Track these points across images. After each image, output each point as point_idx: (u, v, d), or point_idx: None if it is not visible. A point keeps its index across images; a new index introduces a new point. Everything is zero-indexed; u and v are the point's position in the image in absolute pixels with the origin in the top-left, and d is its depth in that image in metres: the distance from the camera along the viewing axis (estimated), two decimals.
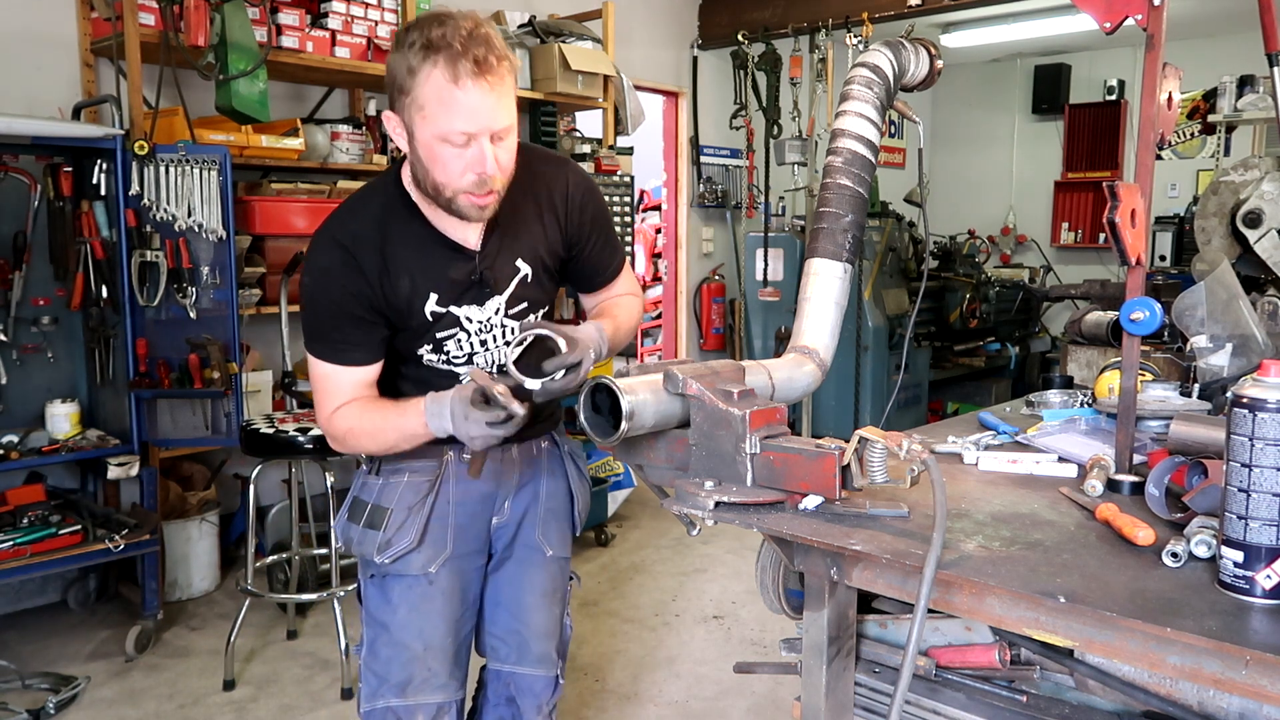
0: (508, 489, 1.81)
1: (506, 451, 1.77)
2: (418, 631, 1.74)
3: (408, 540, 1.71)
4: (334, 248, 1.60)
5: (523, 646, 1.86)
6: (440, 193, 1.53)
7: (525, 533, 1.84)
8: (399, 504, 1.72)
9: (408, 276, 1.60)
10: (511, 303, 1.70)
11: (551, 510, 1.86)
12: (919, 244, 6.38)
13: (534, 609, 1.86)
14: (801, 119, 6.05)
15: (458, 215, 1.57)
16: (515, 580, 1.85)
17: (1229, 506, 1.10)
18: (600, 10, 5.16)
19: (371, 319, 1.61)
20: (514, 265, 1.68)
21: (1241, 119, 4.87)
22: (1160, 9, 1.47)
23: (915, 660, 1.27)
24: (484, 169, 1.49)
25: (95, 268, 3.33)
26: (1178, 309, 2.03)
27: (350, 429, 1.64)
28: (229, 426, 3.48)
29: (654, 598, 3.85)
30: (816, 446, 1.28)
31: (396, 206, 1.62)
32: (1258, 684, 1.00)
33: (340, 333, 1.62)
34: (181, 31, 3.37)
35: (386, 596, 1.75)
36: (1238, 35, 6.09)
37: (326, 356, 1.64)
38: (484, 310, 1.68)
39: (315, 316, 1.63)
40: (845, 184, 1.66)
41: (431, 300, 1.63)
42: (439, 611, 1.75)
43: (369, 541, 1.72)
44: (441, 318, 1.65)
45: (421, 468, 1.73)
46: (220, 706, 2.97)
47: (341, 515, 1.80)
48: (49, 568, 3.18)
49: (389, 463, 1.74)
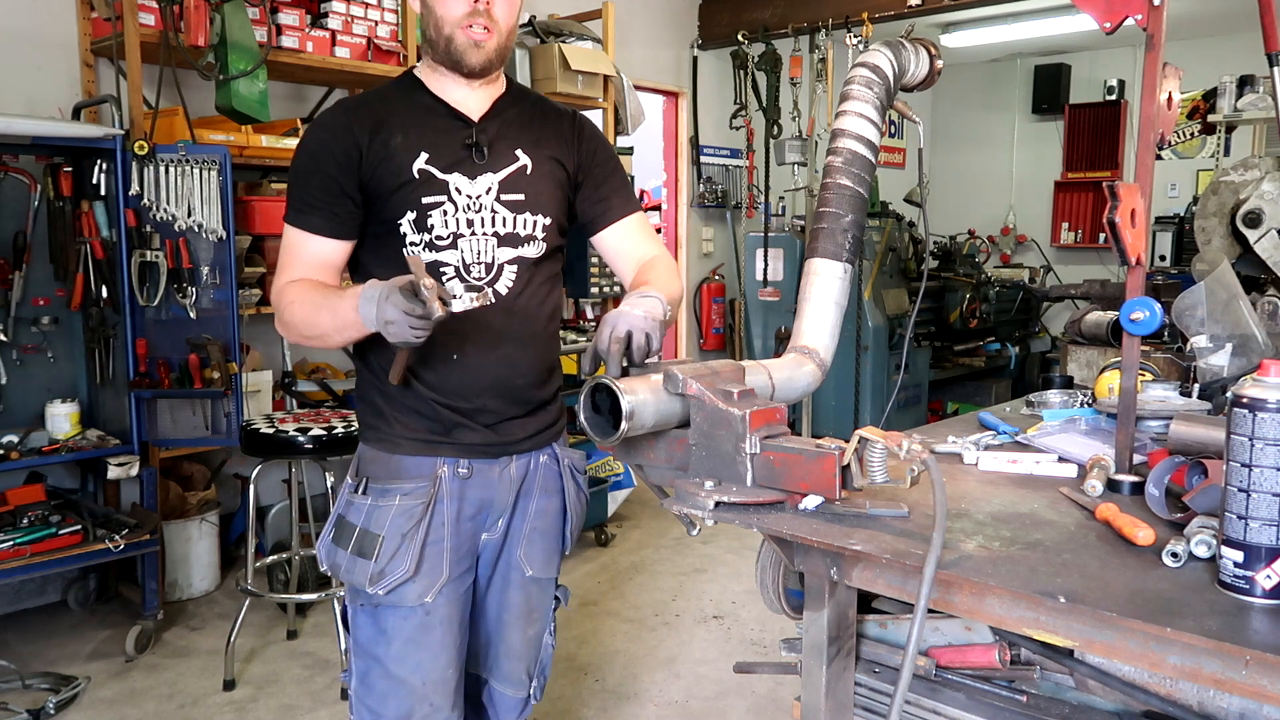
0: (503, 505, 1.74)
1: (505, 468, 1.72)
2: (415, 665, 1.64)
3: (403, 569, 1.61)
4: (333, 110, 1.67)
5: (494, 663, 1.83)
6: (441, 31, 1.59)
7: (508, 551, 1.78)
8: (391, 530, 1.62)
9: (401, 133, 1.62)
10: (506, 187, 1.66)
11: (538, 529, 1.79)
12: (919, 244, 6.38)
13: (507, 627, 1.80)
14: (801, 119, 6.05)
15: (456, 60, 1.60)
16: (495, 598, 1.80)
17: (1229, 506, 1.10)
18: (600, 10, 5.16)
19: (343, 183, 1.59)
20: (513, 153, 1.68)
21: (1241, 119, 4.87)
22: (1160, 9, 1.47)
23: (915, 660, 1.27)
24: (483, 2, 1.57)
25: (95, 268, 3.33)
26: (1178, 309, 2.03)
27: (291, 303, 1.58)
28: (229, 426, 3.48)
29: (654, 598, 3.85)
30: (816, 446, 1.28)
31: (404, 83, 1.70)
32: (1258, 684, 1.00)
33: (307, 191, 1.61)
34: (181, 31, 3.36)
35: (380, 627, 1.65)
36: (1238, 35, 6.08)
37: (290, 219, 1.63)
38: (474, 185, 1.64)
39: (294, 174, 1.64)
40: (845, 184, 1.66)
41: (421, 158, 1.61)
42: (439, 643, 1.65)
43: (359, 571, 1.62)
44: (429, 180, 1.61)
45: (413, 489, 1.64)
46: (220, 706, 2.97)
47: (325, 536, 1.69)
48: (49, 568, 3.17)
49: (377, 482, 1.65)
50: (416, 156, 1.61)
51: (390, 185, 1.60)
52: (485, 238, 1.65)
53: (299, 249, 1.62)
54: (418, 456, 1.66)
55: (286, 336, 1.65)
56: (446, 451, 1.66)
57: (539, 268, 1.72)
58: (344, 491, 1.71)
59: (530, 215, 1.68)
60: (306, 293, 1.57)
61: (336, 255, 1.64)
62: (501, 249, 1.66)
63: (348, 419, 3.21)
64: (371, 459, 1.69)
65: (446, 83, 1.66)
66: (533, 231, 1.69)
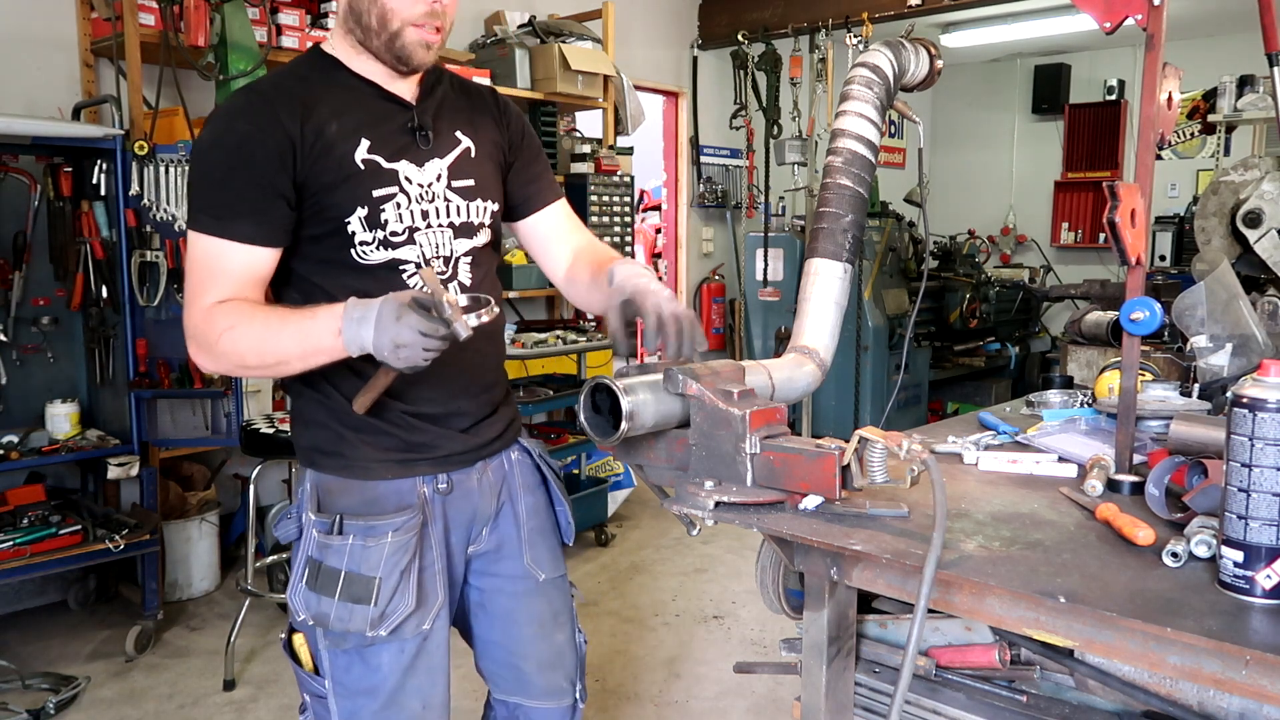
0: (486, 514, 1.62)
1: (482, 474, 1.60)
2: (414, 691, 1.52)
3: (405, 606, 1.47)
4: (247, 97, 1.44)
5: (524, 680, 1.70)
6: (387, 24, 1.42)
7: (509, 562, 1.65)
8: (387, 569, 1.45)
9: (335, 121, 1.43)
10: (455, 173, 1.52)
11: (536, 529, 1.68)
12: (919, 244, 6.38)
13: (532, 641, 1.68)
14: (801, 119, 6.05)
15: (398, 56, 1.44)
16: (509, 615, 1.67)
17: (1229, 506, 1.10)
18: (600, 10, 5.16)
19: (276, 181, 1.39)
20: (454, 135, 1.54)
21: (1241, 119, 4.86)
22: (1160, 9, 1.47)
23: (915, 660, 1.27)
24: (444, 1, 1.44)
25: (95, 268, 3.33)
26: (1178, 309, 2.03)
27: (231, 328, 1.35)
28: (229, 426, 3.48)
29: (654, 598, 3.85)
30: (816, 446, 1.28)
31: (318, 63, 1.50)
32: (1258, 684, 1.00)
33: (229, 193, 1.38)
34: (181, 31, 3.37)
35: (372, 666, 1.50)
36: (1238, 35, 6.09)
37: (208, 227, 1.38)
38: (423, 173, 1.49)
39: (204, 175, 1.41)
40: (845, 184, 1.66)
41: (363, 147, 1.44)
42: (439, 667, 1.55)
43: (358, 618, 1.45)
44: (376, 171, 1.45)
45: (406, 522, 1.48)
46: (220, 706, 2.97)
47: (297, 584, 1.48)
48: (49, 568, 3.17)
49: (356, 517, 1.46)
50: (357, 145, 1.44)
51: (333, 179, 1.42)
52: (441, 229, 1.51)
53: (222, 262, 1.39)
54: (395, 480, 1.51)
55: (215, 368, 1.42)
56: (423, 469, 1.52)
57: (485, 256, 1.60)
58: (308, 530, 1.49)
59: (481, 202, 1.57)
60: (250, 314, 1.36)
61: (266, 266, 1.42)
62: (458, 240, 1.54)
63: None
64: (339, 490, 1.50)
65: (372, 66, 1.49)
66: (483, 219, 1.57)
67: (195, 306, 1.39)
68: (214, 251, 1.39)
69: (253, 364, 1.39)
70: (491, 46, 4.78)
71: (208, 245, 1.39)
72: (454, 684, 1.65)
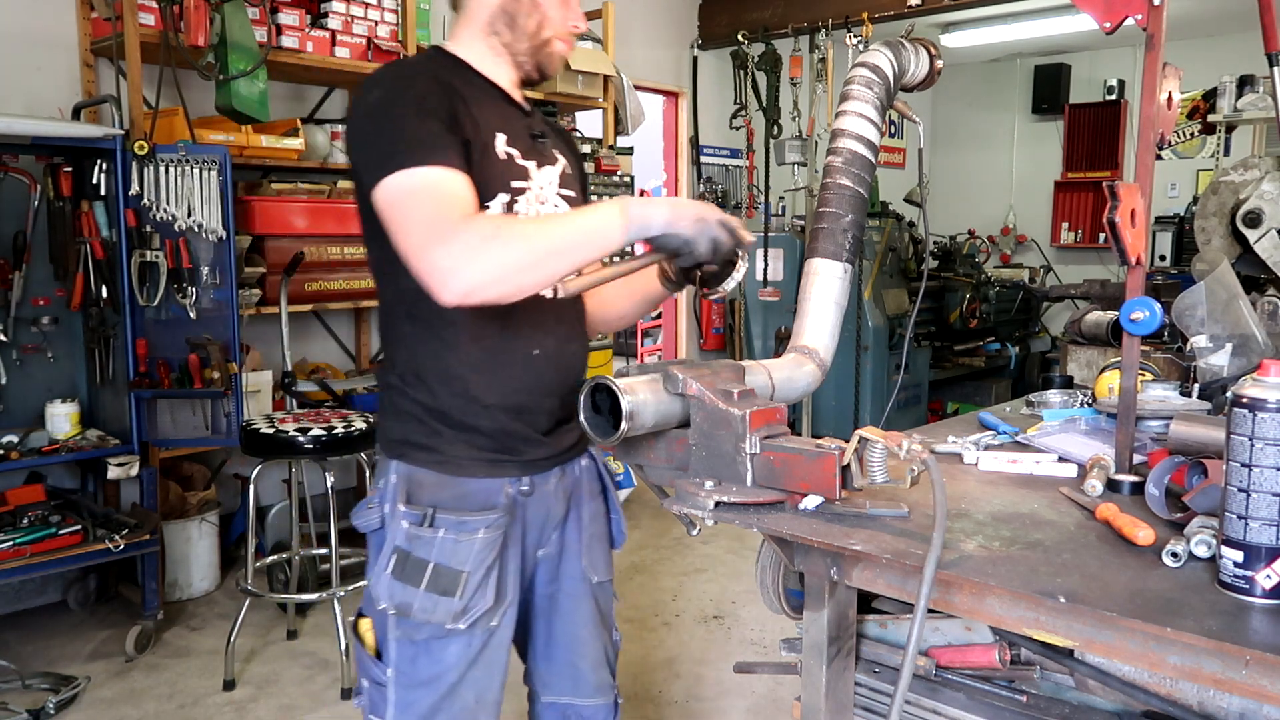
0: (556, 518, 1.66)
1: (558, 479, 1.64)
2: (474, 683, 1.56)
3: (485, 601, 1.51)
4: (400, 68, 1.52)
5: (579, 679, 1.75)
6: (540, 32, 1.53)
7: (569, 564, 1.70)
8: (476, 564, 1.49)
9: (479, 109, 1.48)
10: (562, 183, 1.60)
11: (595, 535, 1.73)
12: (919, 244, 6.38)
13: (588, 641, 1.74)
14: (801, 119, 6.05)
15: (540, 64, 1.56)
16: (570, 615, 1.72)
17: (1229, 506, 1.10)
18: (600, 10, 5.16)
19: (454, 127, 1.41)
20: (555, 151, 1.63)
21: (1241, 119, 4.87)
22: (1160, 9, 1.47)
23: (915, 660, 1.27)
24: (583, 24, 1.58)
25: (95, 268, 3.33)
26: (1178, 309, 2.03)
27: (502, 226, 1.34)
28: (229, 426, 3.48)
29: (654, 598, 3.85)
30: (816, 446, 1.28)
31: (445, 61, 1.55)
32: (1258, 684, 1.00)
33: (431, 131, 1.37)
34: (181, 31, 3.36)
35: (439, 658, 1.53)
36: (1238, 35, 6.09)
37: (422, 159, 1.33)
38: (542, 174, 1.56)
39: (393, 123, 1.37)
40: (845, 184, 1.66)
41: (501, 140, 1.49)
42: (499, 662, 1.58)
43: (441, 610, 1.48)
44: (513, 164, 1.51)
45: (496, 520, 1.51)
46: (220, 706, 2.97)
47: (382, 572, 1.50)
48: (49, 568, 3.17)
49: (448, 512, 1.49)
50: (494, 138, 1.49)
51: (479, 159, 1.45)
52: None
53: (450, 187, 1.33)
54: (484, 479, 1.53)
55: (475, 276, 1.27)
56: (510, 471, 1.55)
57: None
58: (394, 520, 1.51)
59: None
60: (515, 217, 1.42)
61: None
62: None
63: (348, 419, 3.21)
64: (432, 484, 1.52)
65: (501, 71, 1.56)
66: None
67: (445, 222, 1.29)
68: (436, 178, 1.33)
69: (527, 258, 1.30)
70: None
71: (427, 174, 1.33)
72: None
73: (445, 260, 1.27)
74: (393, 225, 1.34)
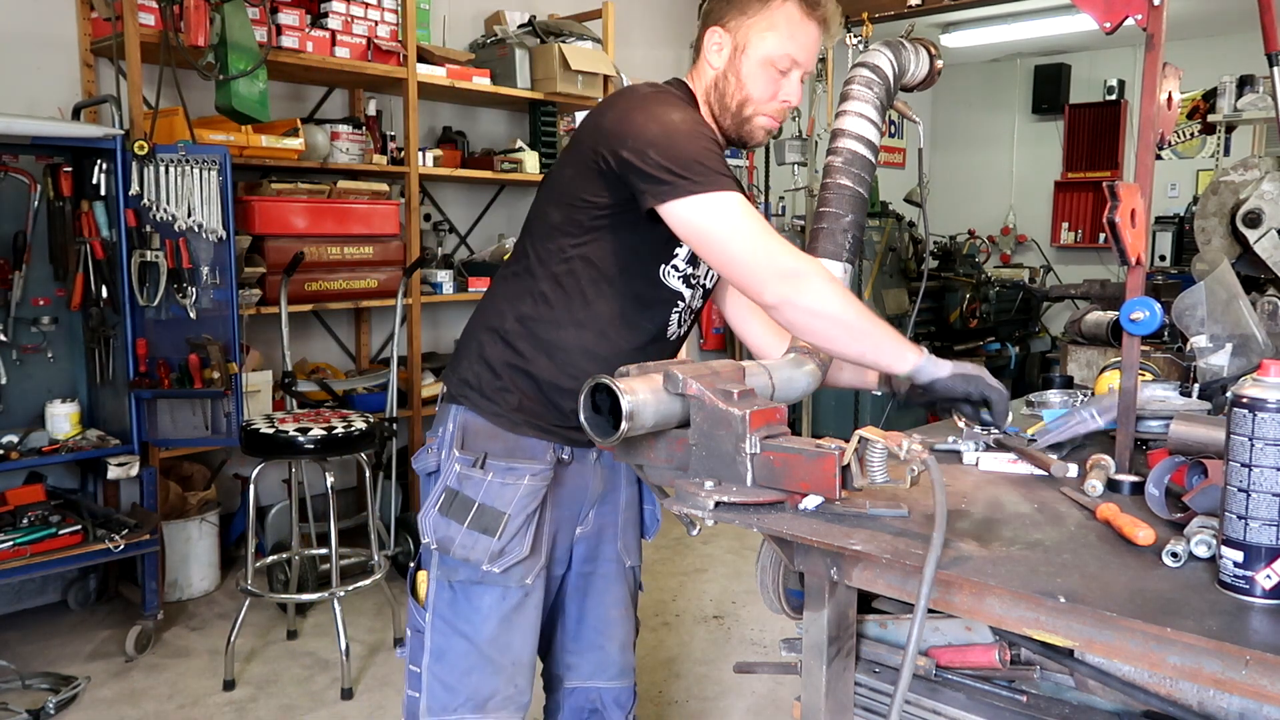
0: (593, 498, 1.76)
1: (597, 459, 1.73)
2: (506, 645, 1.65)
3: (521, 549, 1.59)
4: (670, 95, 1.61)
5: (605, 661, 1.85)
6: (742, 109, 1.61)
7: (606, 546, 1.80)
8: (518, 509, 1.59)
9: None
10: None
11: (629, 520, 1.83)
12: (919, 244, 6.38)
13: (617, 623, 1.85)
14: (801, 119, 6.05)
15: (741, 137, 1.64)
16: (602, 596, 1.82)
17: (1229, 506, 1.10)
18: (600, 10, 5.15)
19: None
20: None
21: (1241, 119, 4.87)
22: (1160, 9, 1.47)
23: (915, 660, 1.27)
24: (794, 98, 1.62)
25: (95, 268, 3.33)
26: (1178, 309, 2.03)
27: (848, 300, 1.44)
28: (229, 426, 3.48)
29: (654, 598, 3.85)
30: (816, 446, 1.28)
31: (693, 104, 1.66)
32: (1258, 684, 1.00)
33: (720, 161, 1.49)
34: (181, 31, 3.36)
35: (475, 606, 1.62)
36: (1238, 35, 6.08)
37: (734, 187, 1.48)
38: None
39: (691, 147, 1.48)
40: (845, 184, 1.66)
41: None
42: (531, 624, 1.68)
43: (480, 547, 1.57)
44: None
45: (541, 470, 1.62)
46: (220, 706, 2.97)
47: (430, 509, 1.62)
48: (49, 568, 3.17)
49: (498, 459, 1.60)
50: None
51: None
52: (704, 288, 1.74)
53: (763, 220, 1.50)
54: (534, 440, 1.64)
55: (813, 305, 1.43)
56: (556, 437, 1.66)
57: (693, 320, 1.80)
58: (450, 462, 1.62)
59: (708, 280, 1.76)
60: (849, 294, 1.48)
61: None
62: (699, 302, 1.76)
63: (348, 419, 3.21)
64: (488, 435, 1.63)
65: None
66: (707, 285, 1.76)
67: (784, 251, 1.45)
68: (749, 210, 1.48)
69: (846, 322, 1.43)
70: (491, 46, 4.78)
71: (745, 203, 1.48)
72: None
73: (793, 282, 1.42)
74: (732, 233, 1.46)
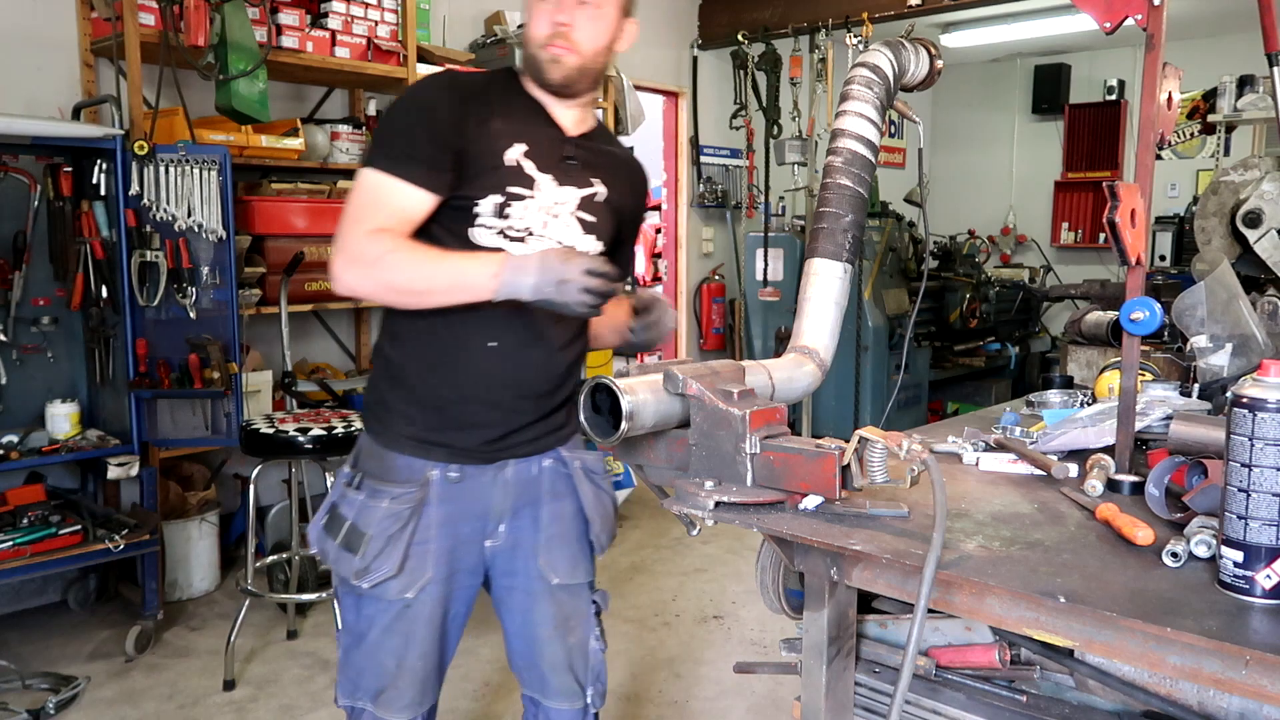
0: (501, 512, 1.72)
1: (499, 472, 1.70)
2: (391, 652, 1.70)
3: (387, 568, 1.64)
4: (435, 78, 1.68)
5: (539, 680, 1.82)
6: (529, 47, 1.64)
7: (525, 562, 1.75)
8: (378, 531, 1.63)
9: (502, 119, 1.63)
10: (583, 206, 1.69)
11: (557, 536, 1.76)
12: (919, 244, 6.38)
13: (546, 641, 1.79)
14: (801, 119, 6.05)
15: (535, 74, 1.65)
16: (525, 612, 1.78)
17: (1229, 506, 1.10)
18: None
19: (448, 139, 1.57)
20: (593, 179, 1.71)
21: (1241, 119, 4.87)
22: (1160, 9, 1.47)
23: (915, 660, 1.27)
24: (559, 16, 1.61)
25: (95, 268, 3.33)
26: (1178, 309, 2.03)
27: (393, 250, 1.51)
28: (229, 426, 3.48)
29: (654, 598, 3.85)
30: (816, 446, 1.28)
31: (502, 78, 1.71)
32: (1258, 684, 1.00)
33: (408, 140, 1.57)
34: (181, 31, 3.36)
35: (361, 613, 1.71)
36: (1238, 35, 6.08)
37: (381, 165, 1.56)
38: (560, 192, 1.66)
39: (389, 126, 1.63)
40: (845, 184, 1.66)
41: (518, 149, 1.62)
42: (416, 635, 1.70)
43: (345, 563, 1.65)
44: (520, 172, 1.62)
45: (401, 494, 1.64)
46: (220, 706, 2.97)
47: (317, 521, 1.72)
48: (49, 568, 3.17)
49: (371, 479, 1.66)
50: (512, 145, 1.62)
51: (483, 164, 1.60)
52: (552, 241, 1.66)
53: (385, 197, 1.55)
54: (410, 457, 1.66)
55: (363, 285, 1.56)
56: (439, 455, 1.66)
57: None
58: (340, 479, 1.72)
59: (593, 239, 1.72)
60: (409, 244, 1.53)
61: (421, 211, 1.57)
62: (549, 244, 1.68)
63: (348, 419, 3.21)
64: (369, 453, 1.70)
65: (545, 96, 1.68)
66: (589, 252, 1.69)
67: (357, 229, 1.54)
68: (385, 187, 1.55)
69: (402, 285, 1.53)
70: (491, 46, 4.78)
71: (379, 180, 1.56)
72: (453, 684, 1.66)
73: (338, 260, 1.54)
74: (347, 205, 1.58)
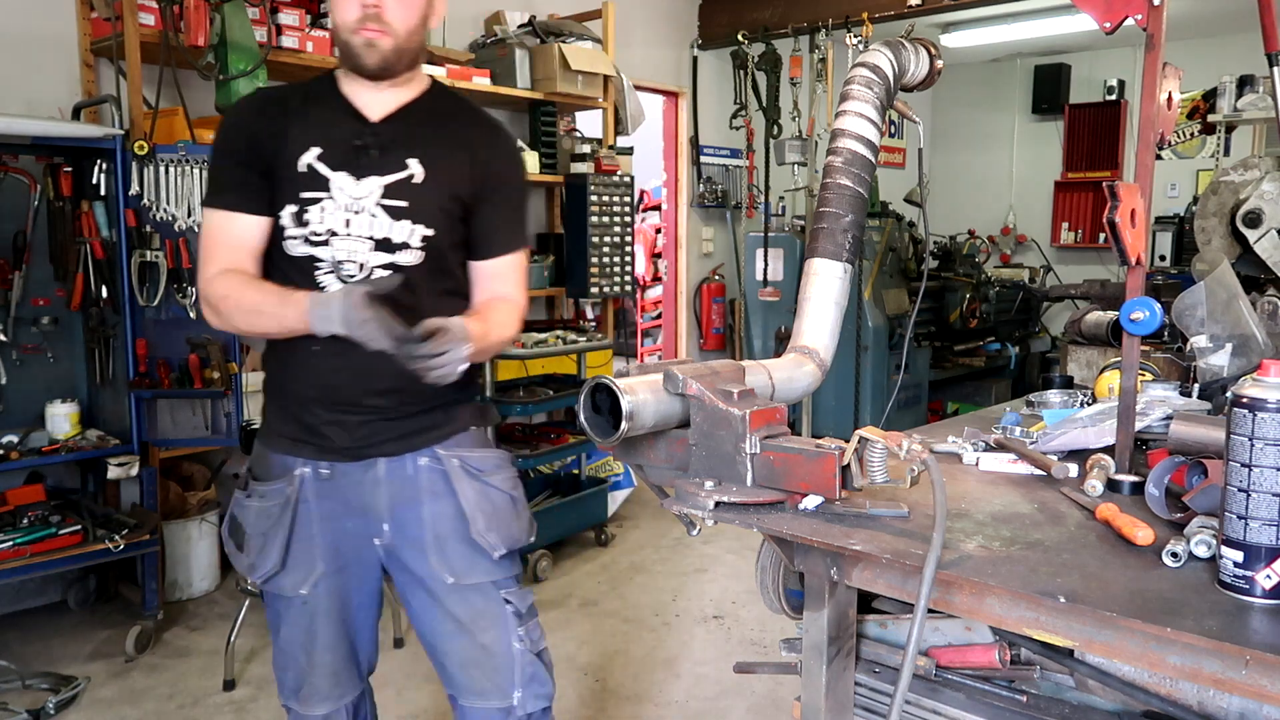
0: (381, 510, 1.72)
1: (370, 470, 1.70)
2: (300, 646, 1.78)
3: (270, 563, 1.71)
4: (248, 97, 1.87)
5: (452, 678, 1.79)
6: (340, 34, 1.64)
7: (416, 562, 1.73)
8: (254, 528, 1.73)
9: (300, 127, 1.67)
10: (390, 193, 1.65)
11: (448, 534, 1.72)
12: (919, 244, 6.38)
13: (448, 638, 1.76)
14: (801, 119, 6.05)
15: (355, 62, 1.64)
16: (425, 610, 1.77)
17: (1229, 506, 1.10)
18: (600, 10, 5.16)
19: (250, 160, 1.65)
20: (404, 160, 1.67)
21: (1241, 119, 4.87)
22: (1160, 9, 1.47)
23: (915, 660, 1.27)
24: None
25: (95, 268, 3.33)
26: (1178, 309, 2.03)
27: (226, 296, 1.63)
28: (229, 426, 3.48)
29: (654, 598, 3.85)
30: (816, 446, 1.28)
31: (322, 81, 1.75)
32: (1258, 684, 1.00)
33: (219, 171, 1.70)
34: (181, 31, 3.37)
35: (272, 610, 1.80)
36: (1238, 35, 6.08)
37: (210, 201, 1.69)
38: (358, 186, 1.65)
39: (210, 163, 1.76)
40: (845, 184, 1.66)
41: (311, 153, 1.65)
42: (319, 630, 1.76)
43: (238, 561, 1.76)
44: (313, 175, 1.64)
45: (269, 491, 1.71)
46: (220, 706, 2.97)
47: (225, 524, 1.81)
48: (49, 568, 3.18)
49: (255, 480, 1.75)
50: (306, 150, 1.65)
51: (282, 175, 1.65)
52: (359, 239, 1.65)
53: (218, 231, 1.66)
54: (284, 455, 1.72)
55: (222, 327, 1.68)
56: (307, 453, 1.71)
57: (421, 276, 1.68)
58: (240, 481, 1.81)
59: (410, 224, 1.67)
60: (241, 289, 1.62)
61: (254, 234, 1.66)
62: (375, 253, 1.66)
63: None
64: (256, 455, 1.78)
65: (356, 86, 1.70)
66: (408, 239, 1.66)
67: (202, 275, 1.67)
68: (214, 221, 1.67)
69: (244, 327, 1.65)
70: (491, 46, 4.78)
71: (209, 216, 1.68)
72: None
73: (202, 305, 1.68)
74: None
